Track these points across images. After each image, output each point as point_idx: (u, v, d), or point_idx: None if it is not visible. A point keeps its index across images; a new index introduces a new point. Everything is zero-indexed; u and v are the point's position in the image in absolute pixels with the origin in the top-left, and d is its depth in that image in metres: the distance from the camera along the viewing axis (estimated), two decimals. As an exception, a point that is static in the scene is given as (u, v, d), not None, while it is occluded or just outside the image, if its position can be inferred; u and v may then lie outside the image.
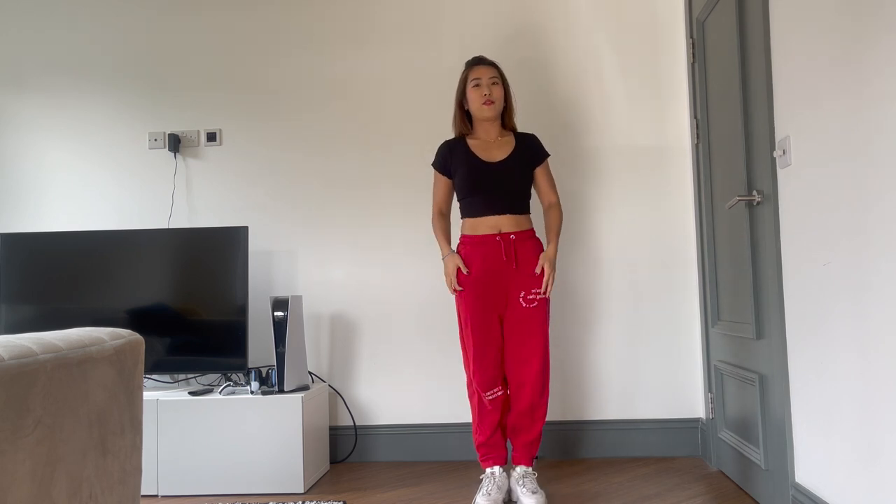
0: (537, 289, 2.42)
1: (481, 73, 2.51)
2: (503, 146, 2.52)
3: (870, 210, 1.59)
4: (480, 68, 2.53)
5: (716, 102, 2.63)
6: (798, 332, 1.98)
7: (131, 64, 3.29)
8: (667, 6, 3.09)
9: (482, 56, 2.60)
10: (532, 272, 2.43)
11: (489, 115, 2.49)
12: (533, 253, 2.45)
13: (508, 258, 2.41)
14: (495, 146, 2.52)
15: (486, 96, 2.47)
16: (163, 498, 2.67)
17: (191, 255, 2.94)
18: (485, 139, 2.54)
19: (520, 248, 2.43)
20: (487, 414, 2.46)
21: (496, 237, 2.42)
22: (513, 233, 2.43)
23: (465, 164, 2.48)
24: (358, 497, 2.57)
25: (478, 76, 2.51)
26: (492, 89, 2.49)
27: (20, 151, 3.32)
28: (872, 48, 1.56)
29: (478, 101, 2.49)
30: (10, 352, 0.89)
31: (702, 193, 2.85)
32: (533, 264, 2.43)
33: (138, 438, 1.22)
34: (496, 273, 2.42)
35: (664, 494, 2.46)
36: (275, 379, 2.76)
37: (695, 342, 3.02)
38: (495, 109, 2.50)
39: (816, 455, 1.91)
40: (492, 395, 2.44)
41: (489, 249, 2.43)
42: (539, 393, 2.43)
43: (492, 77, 2.51)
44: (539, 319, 2.43)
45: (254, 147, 3.22)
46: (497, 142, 2.53)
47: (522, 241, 2.44)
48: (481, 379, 2.43)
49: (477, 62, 2.56)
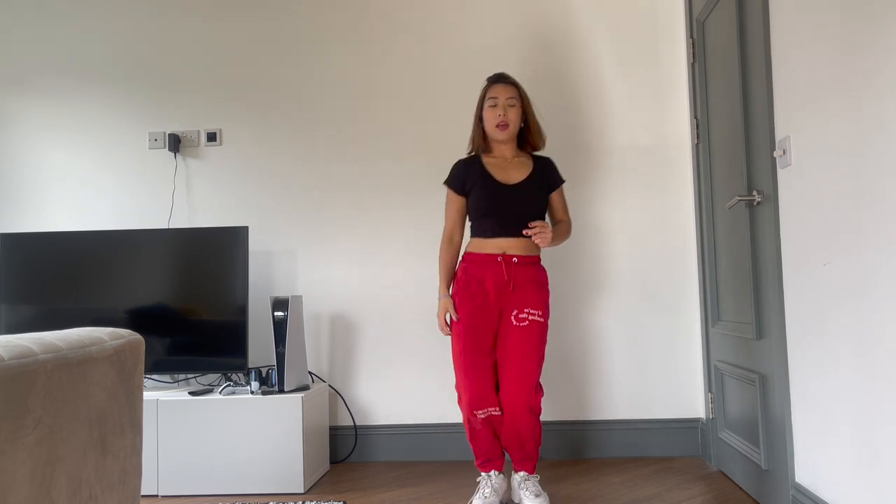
0: (531, 309, 2.35)
1: (499, 92, 2.42)
2: (520, 167, 2.45)
3: (870, 210, 1.59)
4: (498, 87, 2.43)
5: (716, 102, 2.63)
6: (798, 332, 1.98)
7: (131, 64, 3.29)
8: (667, 6, 3.09)
9: (503, 74, 2.49)
10: (527, 295, 2.36)
11: (501, 138, 2.42)
12: (532, 278, 2.39)
13: (508, 278, 2.35)
14: (512, 166, 2.44)
15: (501, 117, 2.40)
16: (163, 498, 2.67)
17: (191, 255, 2.94)
18: (501, 158, 2.46)
19: (519, 272, 2.37)
20: (479, 434, 2.39)
21: (498, 257, 2.37)
22: (517, 256, 2.37)
23: (481, 185, 2.40)
24: (358, 497, 2.57)
25: (495, 95, 2.42)
26: (507, 111, 2.40)
27: (20, 151, 3.32)
28: (872, 48, 1.56)
29: (492, 122, 2.42)
30: (10, 352, 0.89)
31: (702, 193, 2.85)
32: (530, 289, 2.37)
33: (138, 438, 1.22)
34: (493, 293, 2.36)
35: (664, 494, 2.46)
36: (275, 379, 2.75)
37: (695, 342, 3.02)
38: (509, 133, 2.42)
39: (816, 455, 1.91)
40: (483, 413, 2.37)
41: (489, 269, 2.37)
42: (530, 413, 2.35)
43: (509, 98, 2.41)
44: (531, 341, 2.34)
45: (254, 147, 3.22)
46: (514, 162, 2.45)
47: (524, 265, 2.38)
48: (471, 397, 2.36)
49: (496, 80, 2.46)
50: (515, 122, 2.43)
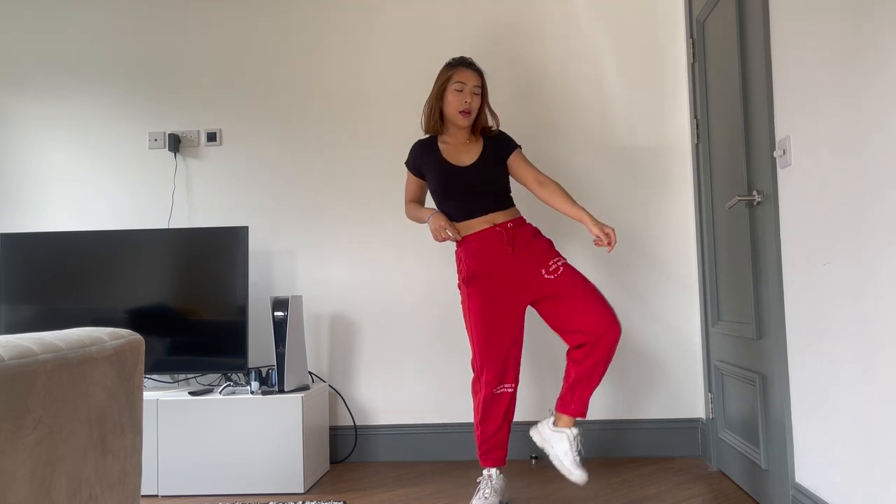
0: (552, 259, 2.35)
1: (467, 78, 2.42)
2: (472, 149, 2.47)
3: (870, 210, 1.59)
4: (468, 73, 2.43)
5: (716, 102, 2.63)
6: (798, 332, 1.98)
7: (131, 64, 3.29)
8: (667, 6, 3.09)
9: (470, 60, 2.48)
10: (538, 251, 2.36)
11: (463, 124, 2.44)
12: (530, 236, 2.40)
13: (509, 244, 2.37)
14: (464, 150, 2.47)
15: (467, 104, 2.41)
16: (163, 498, 2.67)
17: (191, 255, 2.94)
18: (454, 142, 2.49)
19: (517, 235, 2.38)
20: (493, 406, 2.36)
21: (495, 228, 2.38)
22: (509, 221, 2.39)
23: (436, 170, 2.45)
24: (358, 497, 2.57)
25: (463, 80, 2.42)
26: (472, 99, 2.42)
27: (20, 151, 3.32)
28: (873, 48, 1.56)
29: (456, 107, 2.42)
30: (10, 352, 0.89)
31: (702, 193, 2.85)
32: (530, 246, 2.37)
33: (138, 438, 1.22)
34: (501, 263, 2.37)
35: (664, 494, 2.46)
36: (275, 379, 2.75)
37: (695, 342, 3.02)
38: (469, 121, 2.45)
39: (816, 455, 1.91)
40: (500, 389, 2.37)
41: (491, 240, 2.38)
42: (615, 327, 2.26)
43: (475, 86, 2.43)
44: (578, 277, 2.33)
45: (254, 147, 3.22)
46: (466, 145, 2.48)
47: (518, 227, 2.40)
48: (490, 374, 2.35)
49: (464, 64, 2.45)
50: (476, 111, 2.46)
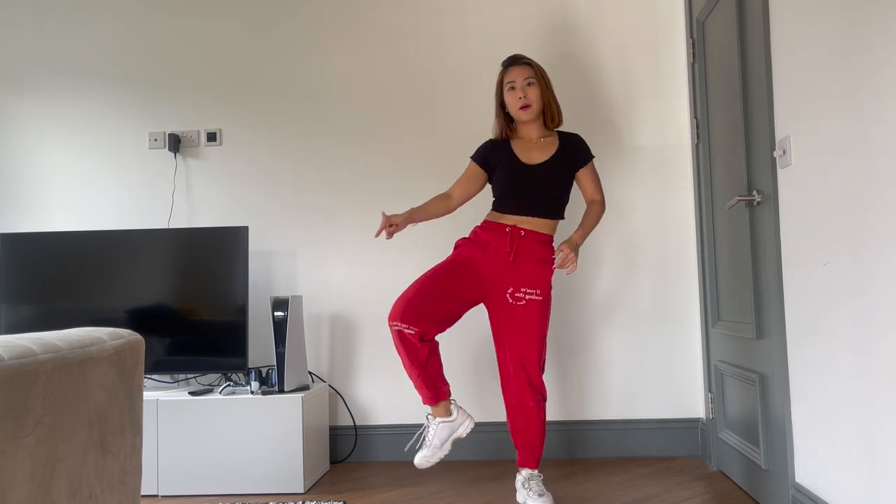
0: (528, 288, 2.35)
1: (515, 74, 2.43)
2: (545, 147, 2.46)
3: (870, 210, 1.59)
4: (514, 69, 2.44)
5: (716, 102, 2.63)
6: (798, 332, 1.98)
7: (131, 64, 3.29)
8: (667, 6, 3.09)
9: (517, 55, 2.49)
10: (526, 272, 2.36)
11: (526, 118, 2.43)
12: (536, 256, 2.39)
13: (511, 249, 2.37)
14: (536, 148, 2.46)
15: (522, 99, 2.41)
16: (163, 498, 2.67)
17: (191, 255, 2.94)
18: (527, 140, 2.48)
19: (523, 245, 2.38)
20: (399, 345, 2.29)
21: (507, 228, 2.39)
22: (525, 230, 2.39)
23: (504, 166, 2.44)
24: (358, 497, 2.57)
25: (512, 79, 2.43)
26: (527, 91, 2.40)
27: (20, 152, 3.32)
28: (872, 48, 1.56)
29: (514, 105, 2.42)
30: (10, 352, 0.89)
31: (702, 193, 2.84)
32: (531, 266, 2.37)
33: (138, 438, 1.22)
34: (492, 260, 2.38)
35: (664, 494, 2.46)
36: (275, 379, 2.75)
37: (695, 342, 3.02)
38: (533, 112, 2.43)
39: (816, 455, 1.91)
40: (397, 327, 2.27)
41: (495, 237, 2.40)
42: (526, 391, 2.34)
43: (526, 78, 2.41)
44: (531, 318, 2.34)
45: (254, 147, 3.22)
46: (539, 143, 2.47)
47: (530, 240, 2.39)
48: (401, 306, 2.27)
49: (511, 62, 2.47)
50: (538, 101, 2.43)
